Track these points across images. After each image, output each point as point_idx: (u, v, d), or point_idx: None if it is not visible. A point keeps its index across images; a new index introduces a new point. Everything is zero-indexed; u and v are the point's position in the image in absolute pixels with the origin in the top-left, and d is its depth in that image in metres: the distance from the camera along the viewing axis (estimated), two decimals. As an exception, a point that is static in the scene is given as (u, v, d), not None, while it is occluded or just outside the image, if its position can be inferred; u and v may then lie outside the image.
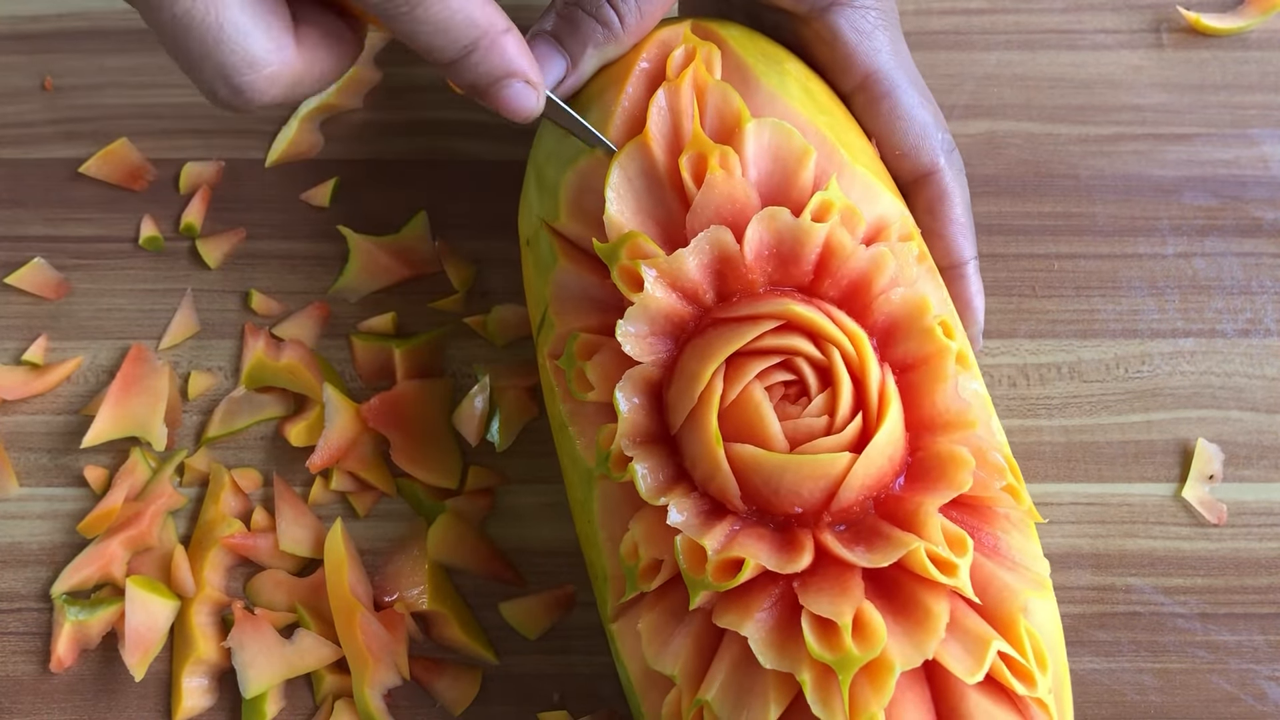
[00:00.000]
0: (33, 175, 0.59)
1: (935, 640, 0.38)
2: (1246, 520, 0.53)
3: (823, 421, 0.41)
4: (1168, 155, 0.59)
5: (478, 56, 0.41)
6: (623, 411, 0.42)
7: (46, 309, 0.56)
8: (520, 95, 0.42)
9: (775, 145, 0.44)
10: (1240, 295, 0.56)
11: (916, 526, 0.40)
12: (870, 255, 0.43)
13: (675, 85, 0.45)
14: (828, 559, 0.40)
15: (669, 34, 0.47)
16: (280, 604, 0.51)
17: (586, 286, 0.46)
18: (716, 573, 0.40)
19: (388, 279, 0.56)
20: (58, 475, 0.54)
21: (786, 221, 0.43)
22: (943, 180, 0.49)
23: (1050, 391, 0.55)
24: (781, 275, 0.43)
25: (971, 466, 0.41)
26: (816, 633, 0.38)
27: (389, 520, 0.53)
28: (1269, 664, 0.51)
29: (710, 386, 0.41)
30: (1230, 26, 0.61)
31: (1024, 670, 0.40)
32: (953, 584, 0.39)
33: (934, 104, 0.50)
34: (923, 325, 0.43)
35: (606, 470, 0.43)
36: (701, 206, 0.43)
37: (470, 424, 0.53)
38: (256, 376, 0.54)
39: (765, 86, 0.46)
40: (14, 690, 0.51)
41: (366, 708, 0.49)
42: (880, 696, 0.38)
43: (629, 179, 0.44)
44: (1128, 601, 0.52)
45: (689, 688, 0.41)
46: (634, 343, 0.42)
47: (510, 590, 0.52)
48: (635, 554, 0.42)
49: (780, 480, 0.40)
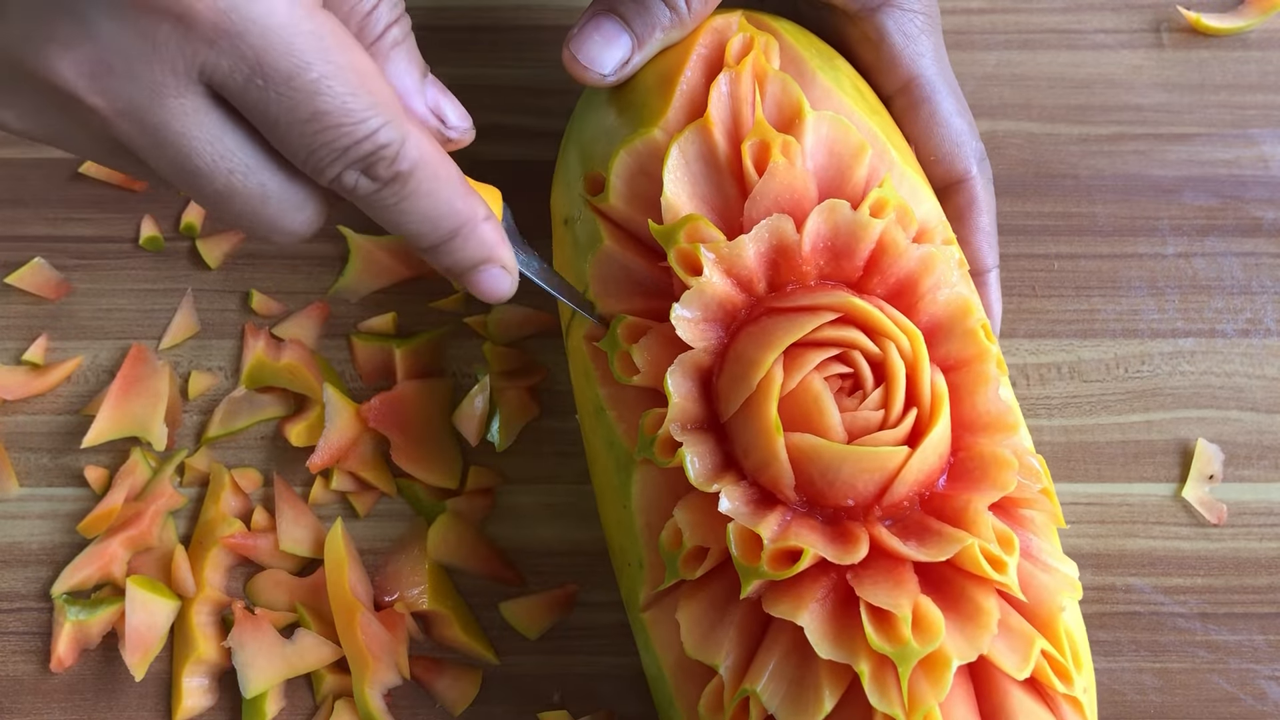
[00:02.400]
0: (33, 175, 0.59)
1: (988, 636, 0.39)
2: (1246, 520, 0.53)
3: (878, 415, 0.41)
4: (1168, 155, 0.59)
5: (457, 243, 0.41)
6: (674, 397, 0.42)
7: (46, 309, 0.56)
8: (496, 279, 0.43)
9: (832, 139, 0.44)
10: (1240, 295, 0.56)
11: (966, 524, 0.40)
12: (921, 255, 0.43)
13: (737, 72, 0.45)
14: (880, 552, 0.40)
15: (722, 22, 0.47)
16: (280, 604, 0.51)
17: (632, 269, 0.45)
18: (772, 561, 0.40)
19: (388, 279, 0.56)
20: (58, 475, 0.54)
21: (846, 215, 0.43)
22: (974, 188, 0.50)
23: (1050, 391, 0.55)
24: (833, 269, 0.43)
25: (1015, 468, 0.41)
26: (875, 624, 0.38)
27: (389, 520, 0.53)
28: (1269, 664, 0.51)
29: (770, 375, 0.41)
30: (1230, 26, 0.61)
31: (1063, 669, 0.40)
32: (1002, 581, 0.39)
33: (969, 112, 0.51)
34: (967, 327, 0.43)
35: (651, 455, 0.42)
36: (762, 194, 0.43)
37: (470, 424, 0.53)
38: (256, 376, 0.54)
39: (821, 81, 0.46)
40: (14, 690, 0.51)
41: (366, 708, 0.49)
42: (938, 690, 0.38)
43: (687, 162, 0.44)
44: (1128, 601, 0.52)
45: (733, 678, 0.41)
46: (688, 328, 0.42)
47: (510, 590, 0.52)
48: (678, 541, 0.42)
49: (838, 471, 0.40)
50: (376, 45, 0.40)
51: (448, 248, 0.42)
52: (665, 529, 0.43)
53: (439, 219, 0.40)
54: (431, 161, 0.39)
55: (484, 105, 0.60)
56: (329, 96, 0.36)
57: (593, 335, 0.46)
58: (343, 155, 0.37)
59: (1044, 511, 0.43)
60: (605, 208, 0.46)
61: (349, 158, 0.37)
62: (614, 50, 0.46)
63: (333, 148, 0.37)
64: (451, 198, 0.40)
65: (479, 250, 0.42)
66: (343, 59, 0.36)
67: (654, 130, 0.45)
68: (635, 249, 0.46)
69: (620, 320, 0.44)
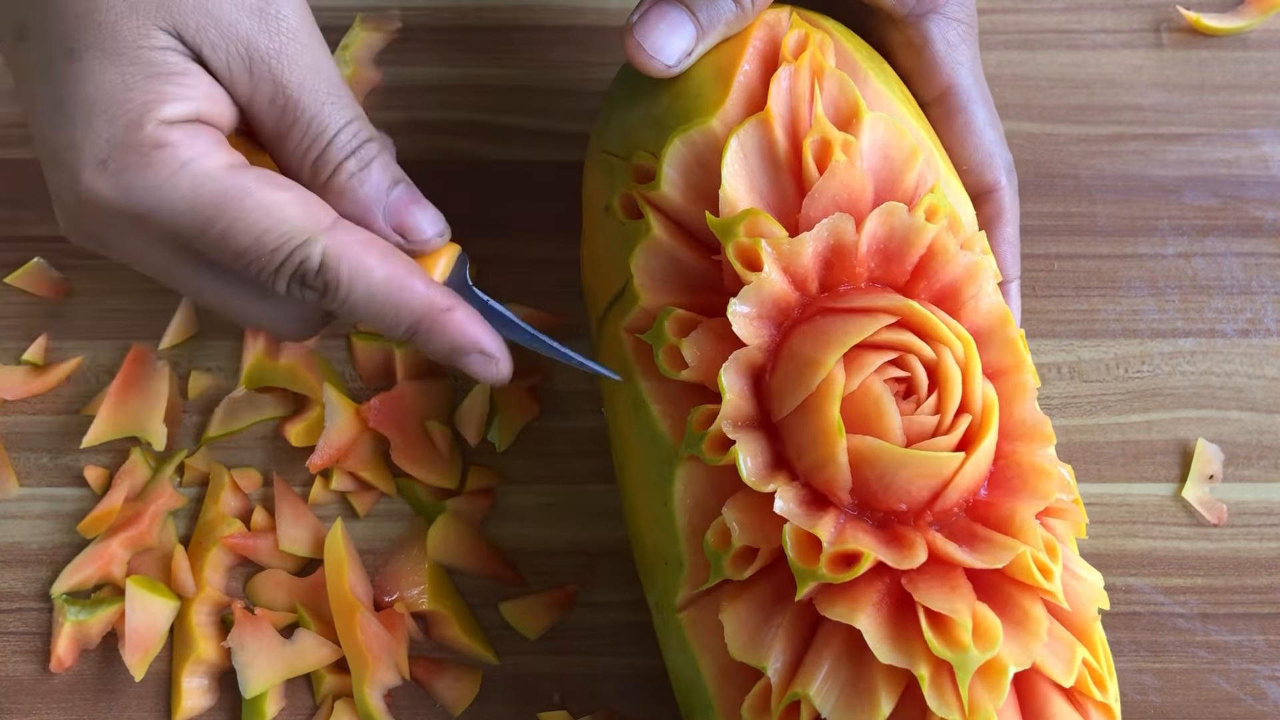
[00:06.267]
0: (33, 175, 0.58)
1: (1039, 643, 0.39)
2: (1246, 520, 0.53)
3: (934, 421, 0.41)
4: (1168, 155, 0.59)
5: (420, 338, 0.44)
6: (728, 394, 0.41)
7: (46, 309, 0.56)
8: (478, 364, 0.45)
9: (887, 142, 0.44)
10: (1240, 295, 0.56)
11: (1014, 531, 0.40)
12: (968, 263, 0.43)
13: (796, 67, 0.44)
14: (934, 558, 0.40)
15: (773, 17, 0.46)
16: (280, 604, 0.51)
17: (681, 261, 0.45)
18: (831, 564, 0.39)
19: (388, 279, 0.56)
20: (58, 475, 0.54)
21: (903, 219, 0.42)
22: (1002, 199, 0.50)
23: (1050, 391, 0.55)
24: (883, 272, 0.43)
25: (1055, 478, 0.41)
26: (934, 629, 0.38)
27: (389, 520, 0.53)
28: (1269, 664, 0.51)
29: (831, 376, 0.40)
30: (1230, 26, 0.61)
31: (1099, 676, 0.40)
32: (1050, 589, 0.39)
33: (999, 123, 0.51)
34: (1006, 335, 0.43)
35: (699, 452, 0.42)
36: (821, 192, 0.43)
37: (470, 424, 0.53)
38: (256, 376, 0.54)
39: (874, 82, 0.46)
40: (14, 690, 0.51)
41: (366, 708, 0.49)
42: (995, 696, 0.38)
43: (745, 155, 0.44)
44: (1128, 601, 0.52)
45: (782, 680, 0.40)
46: (744, 324, 0.42)
47: (510, 590, 0.52)
48: (726, 540, 0.41)
49: (895, 475, 0.40)
50: (331, 181, 0.43)
51: (415, 343, 0.45)
52: (712, 528, 0.42)
53: (388, 318, 0.43)
54: (363, 267, 0.42)
55: (484, 105, 0.60)
56: (240, 236, 0.41)
57: (635, 327, 0.45)
58: (276, 275, 0.42)
59: (1071, 521, 0.43)
60: (655, 197, 0.45)
61: (283, 277, 0.42)
62: (680, 39, 0.45)
63: (264, 273, 0.42)
64: (396, 297, 0.43)
65: (447, 341, 0.44)
66: (252, 203, 0.41)
67: (710, 120, 0.44)
68: (685, 240, 0.45)
69: (669, 313, 0.43)
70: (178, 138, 0.40)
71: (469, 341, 0.44)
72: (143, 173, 0.40)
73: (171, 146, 0.40)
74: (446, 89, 0.60)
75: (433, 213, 0.45)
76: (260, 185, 0.41)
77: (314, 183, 0.43)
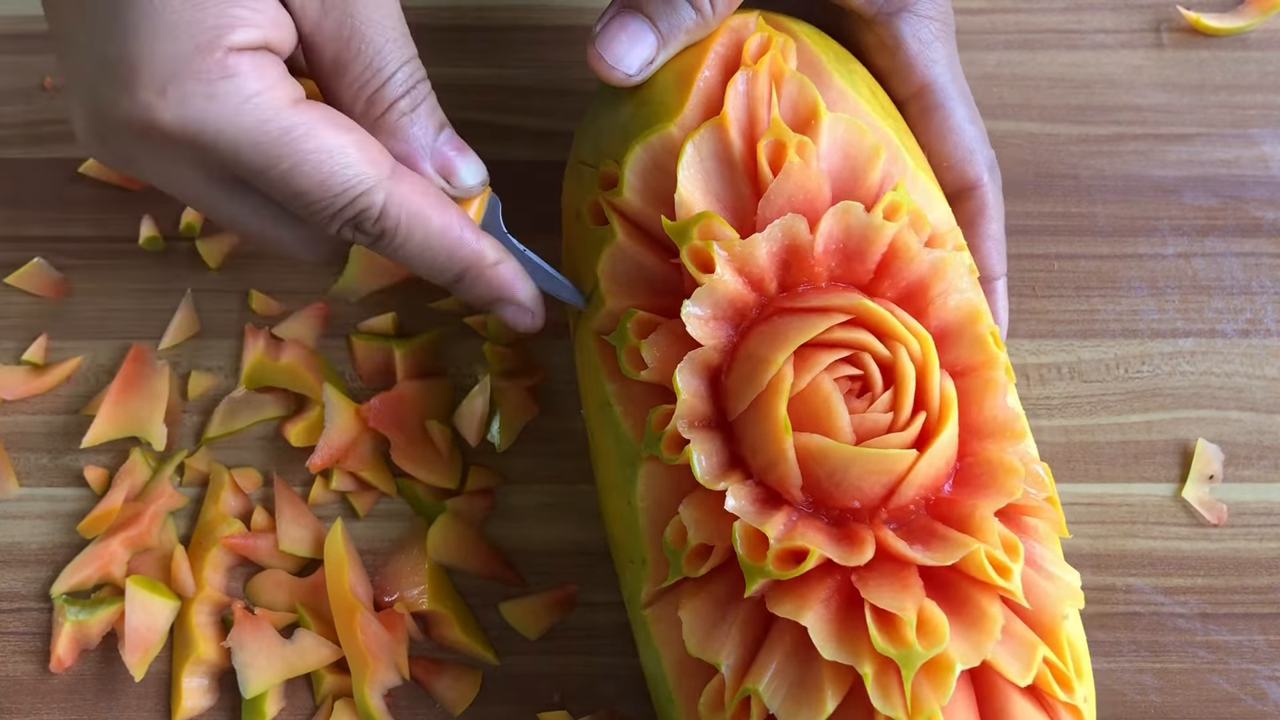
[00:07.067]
0: (33, 175, 0.59)
1: (992, 641, 0.39)
2: (1246, 520, 0.53)
3: (887, 418, 0.41)
4: (1168, 155, 0.59)
5: (464, 285, 0.46)
6: (683, 393, 0.42)
7: (46, 309, 0.56)
8: (513, 314, 0.47)
9: (847, 141, 0.44)
10: (1240, 295, 0.56)
11: (972, 529, 0.40)
12: (932, 260, 0.43)
13: (754, 71, 0.45)
14: (885, 555, 0.40)
15: (739, 21, 0.47)
16: (280, 604, 0.51)
17: (644, 264, 0.45)
18: (778, 561, 0.40)
19: (388, 279, 0.56)
20: (58, 475, 0.54)
21: (859, 217, 0.43)
22: (984, 195, 0.50)
23: (1050, 391, 0.55)
24: (844, 271, 0.43)
25: (1022, 475, 0.41)
26: (879, 626, 0.38)
27: (389, 520, 0.53)
28: (1269, 664, 0.51)
29: (780, 374, 0.41)
30: (1230, 26, 0.61)
31: (1064, 676, 0.40)
32: (1007, 588, 0.39)
33: (980, 119, 0.51)
34: (976, 332, 0.43)
35: (657, 451, 0.42)
36: (775, 194, 0.43)
37: (470, 424, 0.53)
38: (256, 376, 0.54)
39: (837, 83, 0.46)
40: (14, 690, 0.51)
41: (366, 708, 0.49)
42: (940, 694, 0.38)
43: (702, 159, 0.44)
44: (1128, 601, 0.52)
45: (735, 676, 0.41)
46: (698, 325, 0.42)
47: (510, 590, 0.52)
48: (683, 538, 0.42)
49: (846, 472, 0.40)
50: (383, 118, 0.43)
51: (457, 288, 0.46)
52: (670, 526, 0.43)
53: (438, 265, 0.45)
54: (421, 217, 0.43)
55: (484, 105, 0.60)
56: (303, 179, 0.41)
57: (602, 329, 0.46)
58: (332, 219, 0.42)
59: (1047, 520, 0.43)
60: (619, 203, 0.46)
61: (338, 220, 0.42)
62: (640, 49, 0.46)
63: (321, 215, 0.42)
64: (449, 247, 0.44)
65: (488, 292, 0.46)
66: (314, 144, 0.40)
67: (670, 126, 0.45)
68: (647, 245, 0.46)
69: (630, 315, 0.44)
70: (246, 68, 0.39)
71: (509, 294, 0.46)
72: (206, 103, 0.39)
73: (240, 77, 0.39)
74: (446, 89, 0.59)
75: (475, 160, 0.46)
76: (324, 126, 0.41)
77: (365, 118, 0.43)
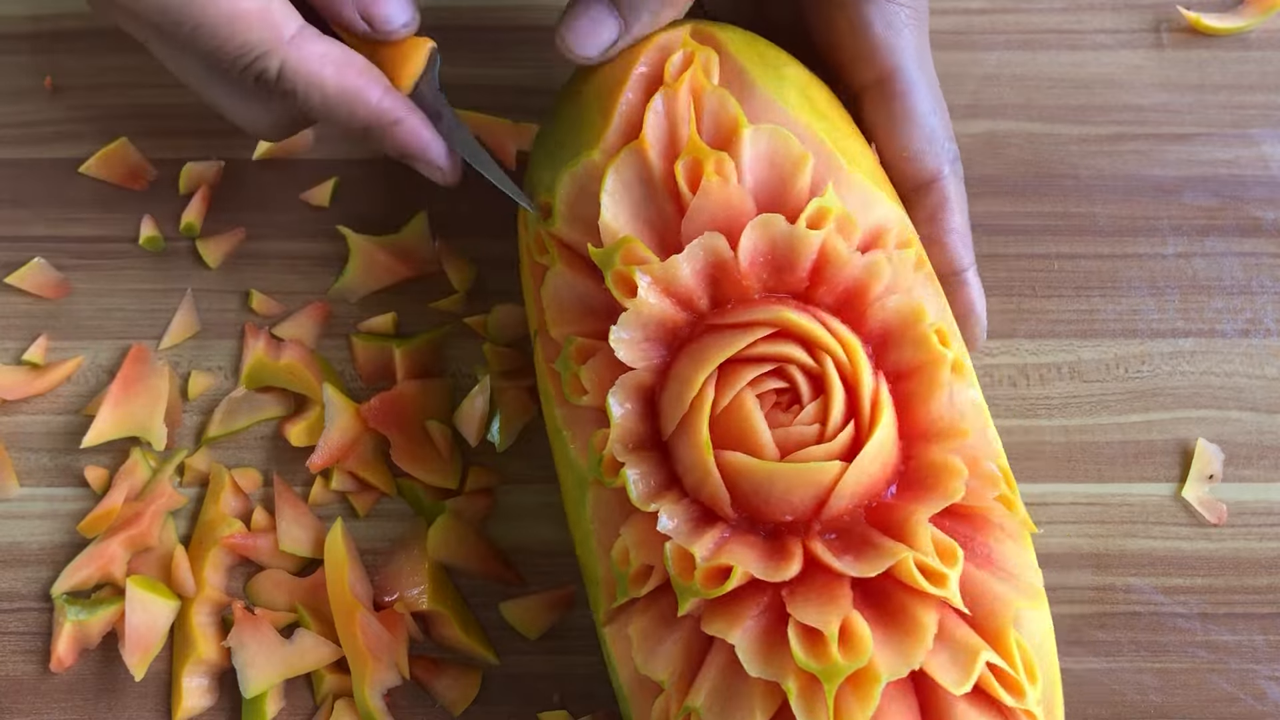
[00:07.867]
0: (33, 175, 0.59)
1: (922, 651, 0.38)
2: (1246, 520, 0.53)
3: (814, 430, 0.41)
4: (1168, 155, 0.59)
5: (376, 138, 0.48)
6: (615, 417, 0.42)
7: (46, 309, 0.56)
8: (424, 169, 0.49)
9: (772, 152, 0.44)
10: (1240, 295, 0.56)
11: (906, 536, 0.40)
12: (865, 263, 0.43)
13: (673, 90, 0.45)
14: (817, 567, 0.40)
15: (668, 38, 0.47)
16: (280, 604, 0.51)
17: (582, 291, 0.46)
18: (705, 580, 0.40)
19: (388, 279, 0.56)
20: (58, 475, 0.54)
21: (781, 228, 0.42)
22: (945, 188, 0.49)
23: (1050, 391, 0.55)
24: (776, 282, 0.43)
25: (964, 476, 0.41)
26: (803, 642, 0.38)
27: (389, 520, 0.53)
28: (1269, 664, 0.51)
29: (701, 394, 0.41)
30: (1230, 26, 0.61)
31: (1013, 682, 0.40)
32: (942, 594, 0.39)
33: (945, 112, 0.50)
34: (917, 333, 0.42)
35: (599, 475, 0.43)
36: (696, 212, 0.43)
37: (470, 424, 0.53)
38: (256, 376, 0.54)
39: (762, 92, 0.46)
40: (14, 690, 0.51)
41: (366, 708, 0.49)
42: (865, 707, 0.38)
43: (625, 184, 0.44)
44: (1128, 601, 0.52)
45: (677, 693, 0.41)
46: (627, 348, 0.42)
47: (510, 590, 0.52)
48: (626, 559, 0.42)
49: (770, 489, 0.40)
50: None
51: (372, 140, 0.48)
52: (615, 546, 0.43)
53: (342, 124, 0.47)
54: (317, 80, 0.46)
55: (484, 105, 0.60)
56: (205, 40, 0.45)
57: (549, 356, 0.46)
58: (242, 75, 0.46)
59: (1005, 519, 0.42)
60: (554, 232, 0.46)
61: (247, 76, 0.46)
62: (601, 33, 0.46)
63: (233, 71, 0.46)
64: (347, 107, 0.46)
65: (395, 148, 0.48)
66: (213, 10, 0.44)
67: (594, 153, 0.45)
68: (584, 271, 0.46)
69: (571, 342, 0.44)
70: None
71: (413, 151, 0.48)
72: None
73: None
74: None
75: (402, 2, 0.47)
76: None
77: None
